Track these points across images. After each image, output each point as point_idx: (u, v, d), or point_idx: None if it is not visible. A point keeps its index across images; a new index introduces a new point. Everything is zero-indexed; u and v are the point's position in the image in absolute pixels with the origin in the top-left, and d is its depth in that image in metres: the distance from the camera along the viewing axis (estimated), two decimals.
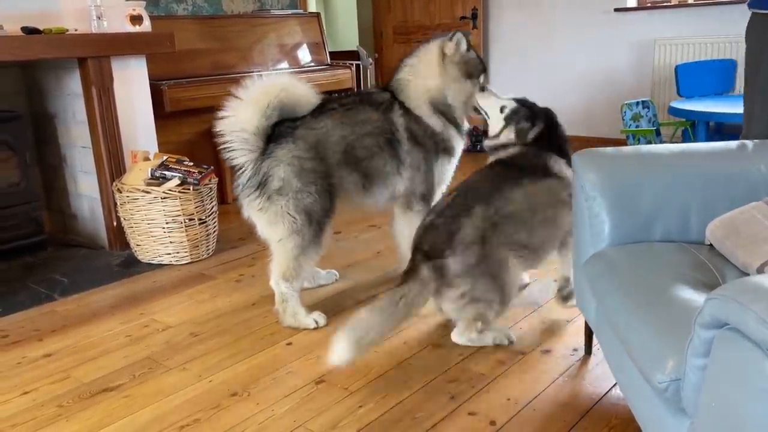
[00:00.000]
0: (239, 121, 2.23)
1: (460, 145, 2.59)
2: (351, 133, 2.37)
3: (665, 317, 1.30)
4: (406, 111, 2.49)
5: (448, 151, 2.54)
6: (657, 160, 1.80)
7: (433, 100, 2.50)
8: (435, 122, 2.50)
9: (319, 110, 2.38)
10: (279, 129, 2.29)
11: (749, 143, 1.80)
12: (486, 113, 2.43)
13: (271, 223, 2.28)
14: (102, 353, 2.23)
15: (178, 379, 2.04)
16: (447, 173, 2.59)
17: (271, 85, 2.27)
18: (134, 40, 3.19)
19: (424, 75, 2.50)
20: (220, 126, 2.24)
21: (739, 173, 1.73)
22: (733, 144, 1.81)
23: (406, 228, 2.56)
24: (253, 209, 2.29)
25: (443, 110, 2.51)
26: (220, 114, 2.24)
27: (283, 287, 2.32)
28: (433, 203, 2.56)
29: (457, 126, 2.56)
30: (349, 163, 2.36)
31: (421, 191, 2.53)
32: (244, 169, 2.26)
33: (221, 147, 2.26)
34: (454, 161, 2.60)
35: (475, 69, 2.54)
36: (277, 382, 1.99)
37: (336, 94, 2.71)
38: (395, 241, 2.67)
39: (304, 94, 2.35)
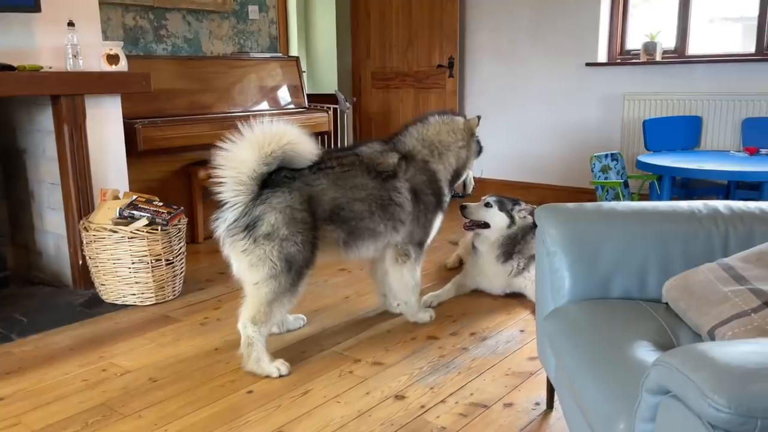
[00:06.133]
0: (239, 160, 2.21)
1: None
2: (342, 196, 2.42)
3: (618, 378, 1.31)
4: (423, 171, 2.64)
5: (444, 209, 2.79)
6: (617, 217, 1.83)
7: (457, 170, 2.78)
8: (446, 186, 2.76)
9: (317, 166, 2.40)
10: (276, 177, 2.30)
11: (706, 203, 1.84)
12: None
13: (252, 265, 2.26)
14: (56, 398, 2.17)
15: (132, 427, 1.98)
16: (438, 224, 2.80)
17: (280, 134, 2.25)
18: (109, 80, 3.20)
19: (460, 145, 2.77)
20: (219, 159, 2.21)
21: (696, 232, 1.76)
22: (691, 203, 1.85)
23: (406, 274, 2.71)
24: (235, 250, 2.27)
25: (454, 179, 2.80)
26: (221, 145, 2.21)
27: (251, 330, 2.29)
28: (424, 248, 2.78)
29: (451, 191, 2.86)
30: (335, 221, 2.41)
31: (418, 240, 2.70)
32: (231, 207, 2.24)
33: (213, 178, 2.23)
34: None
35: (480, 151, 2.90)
36: None
37: (340, 149, 2.86)
38: (391, 287, 2.79)
39: (306, 149, 2.36)
